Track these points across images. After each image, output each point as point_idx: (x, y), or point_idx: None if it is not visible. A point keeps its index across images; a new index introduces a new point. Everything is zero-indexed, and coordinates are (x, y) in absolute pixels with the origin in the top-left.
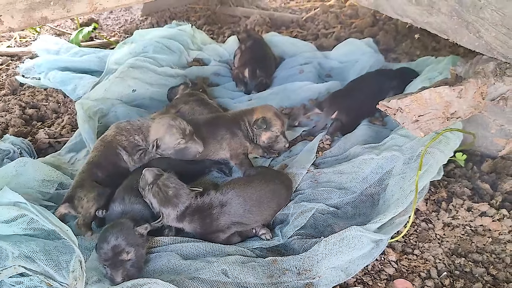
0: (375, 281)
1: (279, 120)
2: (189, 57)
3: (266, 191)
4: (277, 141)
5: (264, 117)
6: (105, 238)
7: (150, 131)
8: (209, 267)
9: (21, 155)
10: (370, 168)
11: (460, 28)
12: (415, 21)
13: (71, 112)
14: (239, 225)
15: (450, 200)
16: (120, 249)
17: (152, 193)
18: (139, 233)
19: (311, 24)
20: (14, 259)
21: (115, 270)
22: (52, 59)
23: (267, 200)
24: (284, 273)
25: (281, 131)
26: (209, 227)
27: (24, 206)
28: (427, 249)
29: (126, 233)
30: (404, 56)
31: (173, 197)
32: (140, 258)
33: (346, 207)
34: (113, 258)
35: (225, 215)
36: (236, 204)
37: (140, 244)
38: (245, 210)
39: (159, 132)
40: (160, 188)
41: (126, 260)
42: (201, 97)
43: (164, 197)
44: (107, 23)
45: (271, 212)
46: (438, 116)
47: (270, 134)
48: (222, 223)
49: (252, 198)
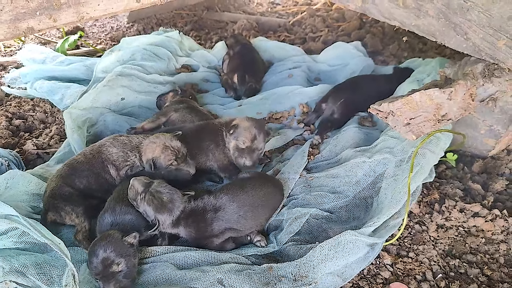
0: (371, 285)
1: (250, 134)
2: (177, 64)
3: (259, 195)
4: (240, 154)
5: (237, 125)
6: (94, 251)
7: (146, 150)
8: (205, 277)
9: (9, 167)
10: (362, 171)
11: (448, 30)
12: (402, 24)
13: (59, 122)
14: (233, 231)
15: (442, 202)
16: (110, 261)
17: (146, 201)
18: (129, 243)
19: (298, 28)
20: (5, 274)
21: (107, 283)
22: (38, 68)
23: (261, 205)
24: (280, 280)
25: (248, 147)
26: (203, 232)
27: (16, 219)
28: (422, 251)
29: (114, 245)
30: (392, 59)
31: (168, 203)
32: (132, 268)
33: (339, 211)
34: (104, 271)
35: (219, 220)
36: (230, 209)
37: (130, 254)
38: (239, 216)
39: (155, 152)
40: (153, 195)
41: (117, 271)
42: (191, 104)
43: (159, 204)
44: (93, 31)
45: (265, 217)
46: (429, 119)
47: (235, 143)
48: (216, 228)
49: (245, 204)
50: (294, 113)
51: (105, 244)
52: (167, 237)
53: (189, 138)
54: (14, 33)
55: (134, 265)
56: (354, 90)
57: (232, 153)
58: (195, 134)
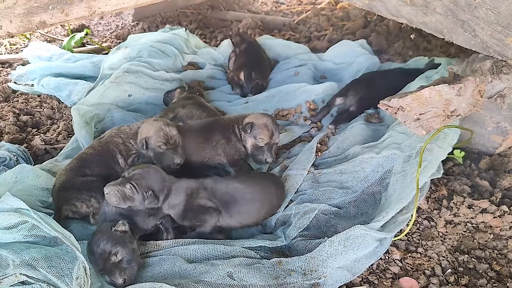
0: (380, 280)
1: (267, 131)
2: (183, 61)
3: (257, 189)
4: (259, 152)
5: (253, 123)
6: (90, 249)
7: (142, 130)
8: (214, 270)
9: (18, 162)
10: (370, 167)
11: (456, 27)
12: (410, 22)
13: (67, 118)
14: (227, 218)
15: (451, 198)
16: (107, 253)
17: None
18: (119, 231)
19: (303, 27)
20: (15, 267)
21: (113, 275)
22: (45, 65)
23: (256, 199)
24: (290, 274)
25: (267, 143)
26: (191, 196)
27: (26, 212)
28: (431, 246)
29: (106, 237)
30: (397, 57)
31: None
32: (131, 254)
33: (348, 207)
34: (105, 264)
35: (209, 200)
36: (221, 190)
37: (126, 241)
38: (230, 199)
39: (150, 132)
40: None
41: (118, 261)
42: (199, 101)
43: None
44: (98, 29)
45: (259, 213)
46: (438, 114)
47: (254, 142)
48: (202, 202)
49: (243, 196)
50: (300, 110)
51: (98, 239)
52: (172, 231)
53: (199, 133)
54: (27, 27)
55: (133, 250)
56: (373, 84)
57: (250, 151)
58: (205, 130)
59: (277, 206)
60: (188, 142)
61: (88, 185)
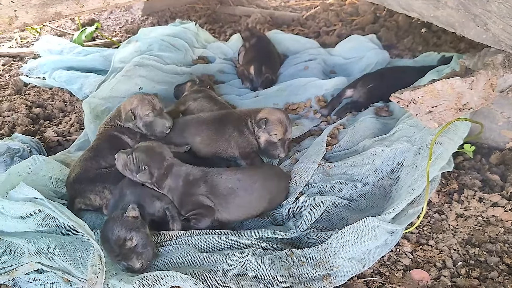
0: (392, 271)
1: (281, 127)
2: (193, 55)
3: (258, 181)
4: (273, 147)
5: (267, 119)
6: (104, 237)
7: (125, 105)
8: (227, 260)
9: (31, 154)
10: (381, 160)
11: (467, 21)
12: (421, 15)
13: (78, 111)
14: (225, 213)
15: (461, 192)
16: (122, 239)
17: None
18: (131, 216)
19: (312, 22)
20: (30, 255)
21: (130, 260)
22: (56, 58)
23: (258, 191)
24: (301, 265)
25: (281, 139)
26: (190, 189)
27: (41, 201)
28: (441, 239)
29: (119, 224)
30: (407, 52)
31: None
32: (145, 238)
33: (359, 199)
34: (121, 251)
35: (209, 197)
36: (224, 184)
37: (138, 226)
38: (233, 194)
39: (133, 103)
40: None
41: (134, 246)
42: (210, 94)
43: (149, 150)
44: (108, 24)
45: (263, 205)
46: (450, 107)
47: (267, 137)
48: (201, 188)
49: (244, 188)
50: (310, 104)
51: (111, 226)
52: (180, 221)
53: (212, 125)
54: (42, 18)
55: (147, 235)
56: (384, 78)
57: (263, 146)
58: (218, 122)
59: (279, 199)
60: (200, 134)
61: (102, 177)
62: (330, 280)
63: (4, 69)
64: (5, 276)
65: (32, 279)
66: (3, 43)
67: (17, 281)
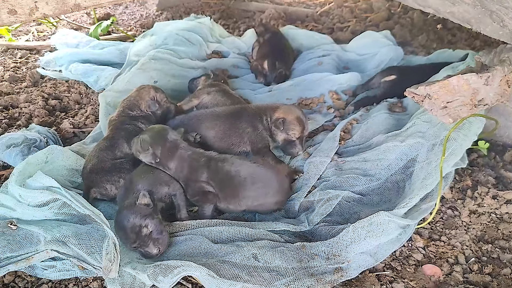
0: (403, 266)
1: (299, 126)
2: (208, 50)
3: (259, 174)
4: (291, 145)
5: (285, 119)
6: (119, 226)
7: (141, 95)
8: (240, 251)
9: (47, 144)
10: (394, 155)
11: (484, 17)
12: (437, 11)
13: (94, 103)
14: (224, 202)
15: (475, 188)
16: (138, 226)
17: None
18: (143, 204)
19: (325, 19)
20: (47, 243)
21: (148, 246)
22: (73, 52)
23: (257, 183)
24: (313, 258)
25: (299, 137)
26: (194, 171)
27: (57, 190)
28: (454, 235)
29: (133, 211)
30: (421, 49)
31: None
32: (159, 225)
33: (371, 194)
34: (138, 238)
35: (210, 183)
36: (227, 173)
37: (151, 212)
38: (234, 184)
39: (151, 93)
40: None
41: (150, 232)
42: (224, 88)
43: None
44: (123, 18)
45: (267, 201)
46: (466, 103)
47: (286, 136)
48: (204, 175)
49: (248, 180)
50: (323, 100)
51: (125, 214)
52: (186, 210)
53: (226, 120)
54: (62, 9)
55: (160, 221)
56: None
57: (281, 145)
58: (232, 116)
59: (280, 200)
60: (215, 128)
61: (118, 167)
62: (342, 273)
63: (21, 61)
64: (22, 263)
65: (48, 266)
66: (20, 36)
67: (33, 268)
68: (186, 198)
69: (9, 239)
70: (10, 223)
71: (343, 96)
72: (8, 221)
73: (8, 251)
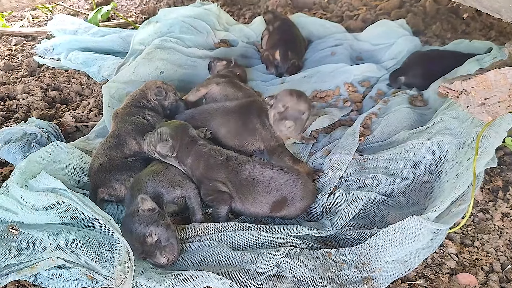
0: (437, 275)
1: (289, 97)
2: (215, 38)
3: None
4: (280, 118)
5: (276, 95)
6: (125, 236)
7: (147, 86)
8: (262, 260)
9: (49, 139)
10: (421, 153)
11: None
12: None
13: (96, 95)
14: (239, 204)
15: (507, 189)
16: (141, 236)
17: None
18: (146, 209)
19: (334, 6)
20: (52, 250)
21: (154, 256)
22: (71, 39)
23: (273, 187)
24: (341, 266)
25: (289, 107)
26: (209, 172)
27: (63, 192)
28: (487, 240)
29: (136, 220)
30: (435, 39)
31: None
32: (167, 230)
33: (397, 196)
34: (144, 248)
35: (227, 185)
36: (247, 177)
37: (156, 219)
38: (250, 188)
39: (157, 83)
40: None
41: (156, 241)
42: (233, 80)
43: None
44: (122, 3)
45: (271, 203)
46: (504, 99)
47: (275, 111)
48: (221, 174)
49: (258, 180)
50: (339, 93)
51: (128, 223)
52: (201, 213)
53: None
54: None
55: (167, 226)
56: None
57: (273, 123)
58: (242, 112)
59: (307, 205)
60: (226, 125)
61: (128, 165)
62: (372, 283)
63: (16, 49)
64: (25, 271)
65: (54, 275)
66: (15, 22)
67: (38, 277)
68: (201, 200)
69: (11, 245)
70: (11, 227)
71: (360, 88)
72: (9, 225)
73: (10, 258)
